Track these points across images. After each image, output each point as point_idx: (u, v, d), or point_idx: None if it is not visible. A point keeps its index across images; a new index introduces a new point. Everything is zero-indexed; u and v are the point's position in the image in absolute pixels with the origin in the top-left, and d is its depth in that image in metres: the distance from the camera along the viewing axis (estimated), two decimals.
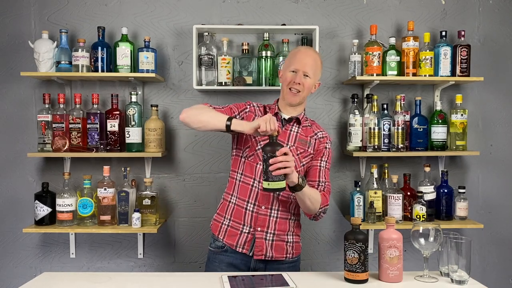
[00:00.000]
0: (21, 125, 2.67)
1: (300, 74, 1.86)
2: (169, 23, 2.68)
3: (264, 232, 1.87)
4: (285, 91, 1.91)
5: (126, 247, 2.72)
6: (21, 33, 2.64)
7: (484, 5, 2.75)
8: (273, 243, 1.88)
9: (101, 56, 2.50)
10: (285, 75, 1.91)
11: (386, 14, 2.73)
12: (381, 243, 1.65)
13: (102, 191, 2.45)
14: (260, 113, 1.94)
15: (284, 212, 1.91)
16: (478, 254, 2.80)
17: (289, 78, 1.88)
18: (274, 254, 1.89)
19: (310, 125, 2.00)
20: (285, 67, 1.93)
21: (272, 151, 1.62)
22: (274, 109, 1.95)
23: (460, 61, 2.55)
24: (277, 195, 1.87)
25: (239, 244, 1.88)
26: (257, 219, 1.87)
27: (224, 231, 1.91)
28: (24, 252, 2.71)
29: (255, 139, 1.88)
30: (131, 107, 2.52)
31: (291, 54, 1.97)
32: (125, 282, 1.68)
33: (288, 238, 1.92)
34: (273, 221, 1.88)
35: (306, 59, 1.89)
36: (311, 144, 1.94)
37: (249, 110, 1.95)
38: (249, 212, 1.87)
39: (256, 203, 1.87)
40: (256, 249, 1.87)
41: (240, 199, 1.90)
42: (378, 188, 2.54)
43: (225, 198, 1.97)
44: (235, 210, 1.90)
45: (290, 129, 1.93)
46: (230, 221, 1.91)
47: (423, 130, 2.59)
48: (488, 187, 2.80)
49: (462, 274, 1.63)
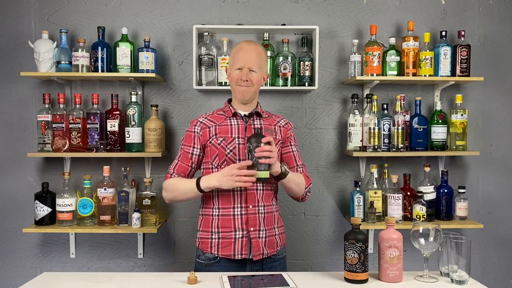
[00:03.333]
0: (21, 125, 2.67)
1: (246, 70, 1.87)
2: (169, 23, 2.68)
3: (257, 231, 1.87)
4: (235, 88, 1.90)
5: (126, 247, 2.72)
6: (21, 33, 2.64)
7: (484, 5, 2.75)
8: (266, 240, 1.88)
9: (101, 56, 2.50)
10: (232, 74, 1.90)
11: (386, 14, 2.73)
12: (381, 243, 1.65)
13: (102, 191, 2.45)
14: (213, 122, 1.92)
15: (268, 206, 1.92)
16: (478, 254, 2.80)
17: (236, 76, 1.88)
18: (268, 251, 1.89)
19: (269, 116, 2.01)
20: (231, 65, 1.92)
21: (257, 141, 1.70)
22: (230, 110, 1.94)
23: (460, 61, 2.55)
24: (261, 188, 1.89)
25: (236, 252, 1.85)
26: (248, 219, 1.86)
27: (217, 245, 1.87)
28: (24, 252, 2.71)
29: (221, 146, 1.87)
30: (131, 107, 2.52)
31: (234, 51, 1.93)
32: (125, 282, 1.68)
33: (275, 230, 1.94)
34: (262, 218, 1.88)
35: (250, 54, 1.89)
36: (277, 132, 1.96)
37: (200, 128, 1.92)
38: (238, 216, 1.86)
39: (243, 204, 1.86)
40: (254, 250, 1.86)
41: (224, 208, 1.88)
42: (378, 188, 2.54)
43: (206, 213, 1.93)
44: (221, 220, 1.87)
45: (253, 123, 1.93)
46: (219, 234, 1.87)
47: (423, 130, 2.59)
48: (488, 187, 2.80)
49: (462, 274, 1.63)
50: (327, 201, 2.76)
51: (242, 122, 1.92)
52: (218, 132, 1.89)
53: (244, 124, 1.92)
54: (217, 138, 1.88)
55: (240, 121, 1.92)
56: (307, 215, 2.76)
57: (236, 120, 1.92)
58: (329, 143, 2.74)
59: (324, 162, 2.74)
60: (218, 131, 1.89)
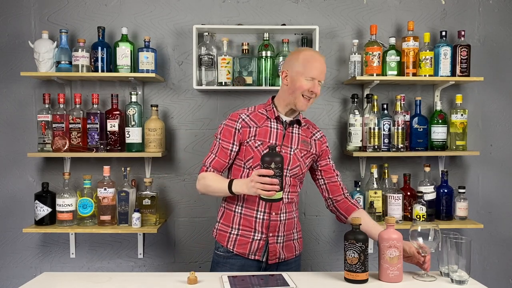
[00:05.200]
0: (21, 125, 2.67)
1: (317, 83, 1.83)
2: (169, 23, 2.68)
3: (275, 237, 1.88)
4: (298, 97, 1.84)
5: (126, 247, 2.72)
6: (21, 33, 2.64)
7: (484, 5, 2.75)
8: (283, 244, 1.90)
9: (101, 56, 2.50)
10: (299, 81, 1.82)
11: (386, 14, 2.73)
12: (381, 243, 1.65)
13: (102, 191, 2.44)
14: (254, 123, 1.89)
15: (289, 213, 1.92)
16: (478, 254, 2.80)
17: (305, 85, 1.81)
18: (286, 255, 1.91)
19: (306, 124, 1.99)
20: (297, 72, 1.83)
21: (270, 162, 1.61)
22: (273, 111, 1.91)
23: (460, 61, 2.55)
24: (287, 197, 1.88)
25: (251, 251, 1.87)
26: (269, 225, 1.86)
27: (234, 241, 1.88)
28: (24, 252, 2.71)
29: (258, 150, 1.85)
30: (131, 107, 2.52)
31: (304, 58, 1.84)
32: (125, 282, 1.68)
33: (294, 235, 1.95)
34: (283, 224, 1.89)
35: (323, 67, 1.85)
36: (312, 145, 1.95)
37: (241, 126, 1.88)
38: (260, 220, 1.86)
39: (267, 210, 1.86)
40: (271, 254, 1.87)
41: (247, 208, 1.87)
42: (378, 188, 2.54)
43: (228, 207, 1.93)
44: (243, 219, 1.88)
45: (292, 131, 1.92)
46: (239, 230, 1.88)
47: (423, 130, 2.59)
48: (488, 187, 2.80)
49: (462, 274, 1.63)
50: None
51: (281, 127, 1.89)
52: (257, 134, 1.86)
53: (283, 131, 1.89)
54: (255, 141, 1.85)
55: (280, 126, 1.89)
56: (307, 215, 2.76)
57: (277, 124, 1.89)
58: (329, 143, 2.73)
59: None
60: (257, 133, 1.86)
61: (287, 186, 1.88)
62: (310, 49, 1.93)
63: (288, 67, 1.88)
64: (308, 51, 1.91)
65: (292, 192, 1.91)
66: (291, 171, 1.88)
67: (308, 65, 1.82)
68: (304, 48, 1.98)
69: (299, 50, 1.92)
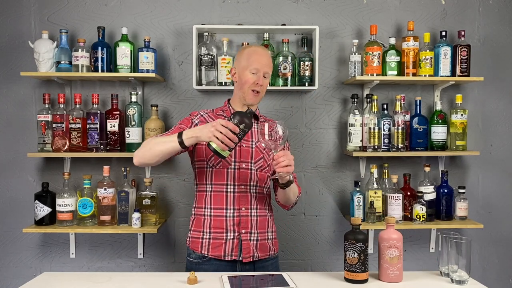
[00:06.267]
0: (21, 125, 2.67)
1: (261, 75, 1.85)
2: (169, 23, 2.68)
3: (248, 233, 1.87)
4: (246, 92, 1.86)
5: (126, 247, 2.72)
6: (21, 33, 2.64)
7: (484, 5, 2.75)
8: (257, 243, 1.89)
9: (101, 56, 2.50)
10: (244, 76, 1.86)
11: (386, 14, 2.73)
12: (381, 243, 1.65)
13: (102, 191, 2.45)
14: (213, 119, 1.89)
15: (262, 210, 1.92)
16: (478, 254, 2.80)
17: (251, 79, 1.84)
18: (259, 254, 1.89)
19: (265, 121, 1.95)
20: (243, 67, 1.87)
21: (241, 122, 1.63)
22: (229, 110, 1.93)
23: (460, 61, 2.55)
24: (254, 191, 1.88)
25: (226, 253, 1.86)
26: (240, 221, 1.86)
27: (207, 245, 1.87)
28: (24, 252, 2.71)
29: None
30: (131, 107, 2.52)
31: (247, 53, 1.89)
32: (125, 282, 1.68)
33: (268, 235, 1.94)
34: (254, 221, 1.89)
35: (265, 59, 1.88)
36: None
37: (199, 120, 1.89)
38: (230, 218, 1.86)
39: (236, 206, 1.86)
40: (244, 252, 1.86)
41: (216, 209, 1.87)
42: (378, 188, 2.54)
43: (197, 213, 1.92)
44: (213, 221, 1.87)
45: None
46: (211, 234, 1.87)
47: (423, 130, 2.59)
48: (488, 187, 2.80)
49: (462, 274, 1.63)
50: (327, 201, 2.76)
51: None
52: None
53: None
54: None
55: None
56: (307, 215, 2.76)
57: None
58: (329, 143, 2.75)
59: (324, 162, 2.74)
60: None
61: (255, 180, 1.88)
62: (254, 45, 1.95)
63: (235, 64, 1.93)
64: (252, 46, 1.96)
65: (260, 187, 1.90)
66: (256, 164, 1.88)
67: (251, 59, 1.86)
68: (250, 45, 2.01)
69: (244, 47, 1.98)
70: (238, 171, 1.86)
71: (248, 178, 1.87)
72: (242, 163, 1.87)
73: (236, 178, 1.86)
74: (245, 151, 1.89)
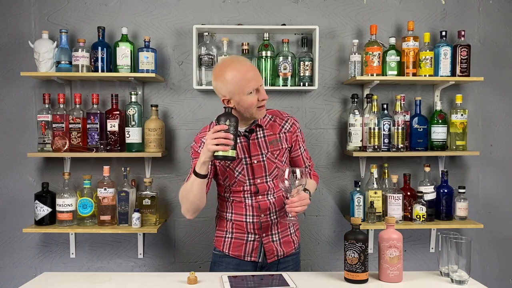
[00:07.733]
0: (21, 125, 2.67)
1: (259, 89, 1.74)
2: (169, 23, 2.68)
3: (270, 236, 1.89)
4: (254, 112, 1.76)
5: (126, 247, 2.72)
6: (21, 33, 2.64)
7: (484, 5, 2.75)
8: (281, 241, 1.90)
9: (101, 56, 2.50)
10: (245, 102, 1.71)
11: (386, 14, 2.73)
12: (381, 243, 1.65)
13: (102, 191, 2.45)
14: None
15: (280, 210, 1.91)
16: (478, 254, 2.80)
17: (254, 100, 1.72)
18: (285, 250, 1.91)
19: (273, 117, 1.90)
20: (238, 94, 1.70)
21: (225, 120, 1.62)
22: None
23: (460, 61, 2.55)
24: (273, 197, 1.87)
25: (246, 253, 1.88)
26: (261, 227, 1.87)
27: (229, 244, 1.90)
28: (24, 252, 2.71)
29: (230, 169, 1.83)
30: (131, 107, 2.52)
31: (232, 78, 1.69)
32: (125, 282, 1.68)
33: (290, 230, 1.95)
34: (275, 224, 1.89)
35: (251, 73, 1.72)
36: (282, 140, 1.88)
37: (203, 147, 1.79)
38: (250, 223, 1.87)
39: (255, 214, 1.86)
40: (268, 253, 1.88)
41: (237, 214, 1.88)
42: (378, 188, 2.54)
43: (221, 215, 1.94)
44: (235, 224, 1.89)
45: (257, 137, 1.84)
46: (233, 234, 1.89)
47: (423, 130, 2.59)
48: (488, 187, 2.80)
49: (462, 274, 1.63)
50: (327, 201, 2.76)
51: (244, 139, 1.83)
52: None
53: (247, 142, 1.83)
54: (225, 162, 1.82)
55: (243, 138, 1.83)
56: (307, 215, 2.76)
57: (239, 139, 1.82)
58: (329, 143, 2.74)
59: (324, 162, 2.74)
60: None
61: (272, 189, 1.86)
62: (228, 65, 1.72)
63: (223, 92, 1.73)
64: (228, 66, 1.72)
65: (277, 192, 1.88)
66: (272, 176, 1.86)
67: (240, 82, 1.69)
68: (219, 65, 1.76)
69: (220, 73, 1.73)
70: (253, 187, 1.85)
71: (265, 190, 1.86)
72: (256, 179, 1.85)
73: (252, 193, 1.85)
74: (257, 167, 1.84)
